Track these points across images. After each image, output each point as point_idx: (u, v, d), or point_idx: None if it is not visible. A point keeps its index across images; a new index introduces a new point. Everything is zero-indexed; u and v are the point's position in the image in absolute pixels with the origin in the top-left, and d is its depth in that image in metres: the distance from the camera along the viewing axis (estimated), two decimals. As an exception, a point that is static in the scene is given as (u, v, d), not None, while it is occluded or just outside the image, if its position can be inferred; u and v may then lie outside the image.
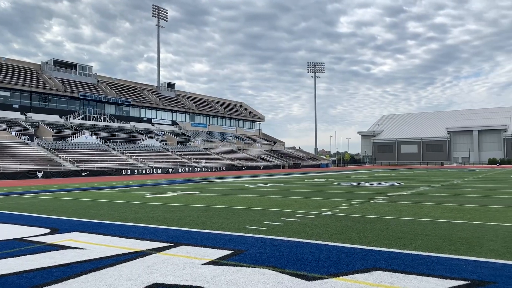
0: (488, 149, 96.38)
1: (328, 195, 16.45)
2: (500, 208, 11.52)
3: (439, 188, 19.48)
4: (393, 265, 5.49)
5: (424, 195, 15.75)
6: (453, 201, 13.42)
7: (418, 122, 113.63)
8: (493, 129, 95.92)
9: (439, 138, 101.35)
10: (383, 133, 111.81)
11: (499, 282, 4.68)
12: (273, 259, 5.88)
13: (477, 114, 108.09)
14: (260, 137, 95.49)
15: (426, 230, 8.06)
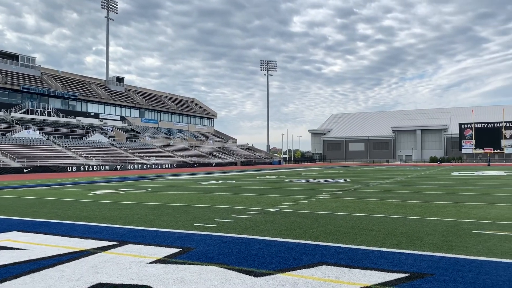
0: (430, 147, 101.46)
1: (278, 191, 16.65)
2: (440, 204, 12.16)
3: (384, 185, 20.26)
4: (339, 260, 5.64)
5: (370, 192, 16.32)
6: (397, 197, 14.01)
7: (365, 121, 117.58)
8: (434, 129, 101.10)
9: (384, 137, 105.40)
10: (333, 132, 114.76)
11: (436, 274, 4.93)
12: (222, 256, 5.87)
13: (420, 114, 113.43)
14: (213, 134, 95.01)
15: (370, 225, 8.36)
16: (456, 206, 11.40)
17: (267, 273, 5.03)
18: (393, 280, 4.69)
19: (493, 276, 4.83)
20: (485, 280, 4.68)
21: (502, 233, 7.37)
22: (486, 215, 9.70)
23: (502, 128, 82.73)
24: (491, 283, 4.56)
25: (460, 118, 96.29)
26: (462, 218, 9.18)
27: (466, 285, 4.51)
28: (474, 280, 4.68)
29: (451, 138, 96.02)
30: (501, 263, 5.40)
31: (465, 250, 6.12)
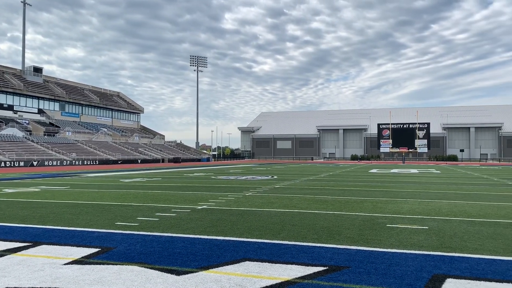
0: (351, 146, 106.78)
1: (206, 189, 16.57)
2: (358, 199, 12.83)
3: (308, 182, 20.96)
4: (262, 255, 5.73)
5: (295, 188, 16.81)
6: (319, 193, 14.56)
7: (293, 120, 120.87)
8: (356, 129, 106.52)
9: (310, 135, 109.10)
10: (262, 129, 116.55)
11: (352, 267, 5.19)
12: (144, 255, 5.71)
13: (343, 114, 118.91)
14: (139, 130, 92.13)
15: (293, 220, 8.60)
16: (373, 202, 12.10)
17: (190, 271, 4.98)
18: (312, 274, 4.87)
19: (403, 267, 5.19)
20: (395, 270, 5.01)
21: (412, 227, 7.95)
22: (399, 210, 10.41)
23: (416, 129, 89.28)
24: (400, 273, 4.89)
25: (379, 119, 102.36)
26: (377, 213, 9.76)
27: (378, 276, 4.79)
28: (385, 271, 4.99)
29: (371, 138, 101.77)
30: (410, 254, 5.82)
31: (379, 243, 6.52)
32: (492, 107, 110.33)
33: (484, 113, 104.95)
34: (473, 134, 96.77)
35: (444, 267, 5.18)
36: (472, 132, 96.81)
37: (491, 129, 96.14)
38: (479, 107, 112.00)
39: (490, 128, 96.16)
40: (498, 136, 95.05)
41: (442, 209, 10.57)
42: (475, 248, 6.18)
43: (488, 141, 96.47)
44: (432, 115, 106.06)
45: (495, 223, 8.44)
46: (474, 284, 4.52)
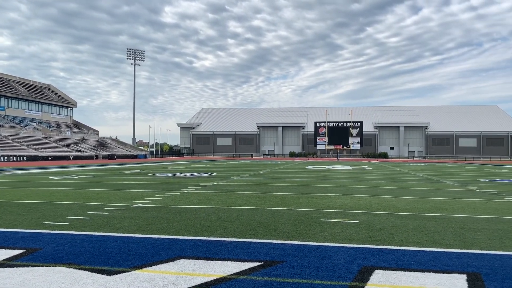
0: (290, 143, 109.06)
1: (142, 186, 16.14)
2: (294, 195, 13.13)
3: (247, 178, 21.11)
4: (197, 253, 5.69)
5: (233, 185, 16.85)
6: (257, 190, 14.71)
7: (233, 117, 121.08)
8: (294, 126, 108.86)
9: (250, 132, 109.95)
10: (202, 126, 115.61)
11: (286, 261, 5.29)
12: (73, 256, 5.45)
13: (282, 112, 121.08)
14: (71, 125, 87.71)
15: (231, 217, 8.62)
16: (308, 197, 12.44)
17: (122, 270, 4.83)
18: (247, 269, 4.90)
19: (334, 259, 5.38)
20: (327, 264, 5.18)
21: (344, 221, 8.27)
22: (332, 204, 10.78)
23: (350, 127, 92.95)
24: (332, 266, 5.06)
25: (316, 117, 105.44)
26: (312, 208, 10.05)
27: (311, 269, 4.93)
28: (318, 264, 5.14)
29: (308, 135, 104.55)
30: (341, 247, 6.05)
31: (313, 237, 6.71)
32: (419, 108, 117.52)
33: (413, 113, 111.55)
34: (402, 132, 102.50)
35: (373, 259, 5.44)
36: (401, 131, 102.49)
37: (418, 128, 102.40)
38: (408, 107, 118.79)
39: (417, 127, 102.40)
40: (425, 135, 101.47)
41: (372, 203, 11.10)
42: (401, 240, 6.55)
43: (415, 140, 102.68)
44: (365, 114, 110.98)
45: (420, 216, 9.00)
46: (400, 274, 4.79)
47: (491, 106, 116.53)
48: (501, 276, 4.74)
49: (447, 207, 10.49)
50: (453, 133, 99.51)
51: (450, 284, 4.46)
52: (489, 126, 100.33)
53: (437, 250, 5.91)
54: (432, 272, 4.88)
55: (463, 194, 14.08)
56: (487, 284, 4.44)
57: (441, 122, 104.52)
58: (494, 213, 9.51)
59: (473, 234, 7.03)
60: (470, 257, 5.54)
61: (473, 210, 10.07)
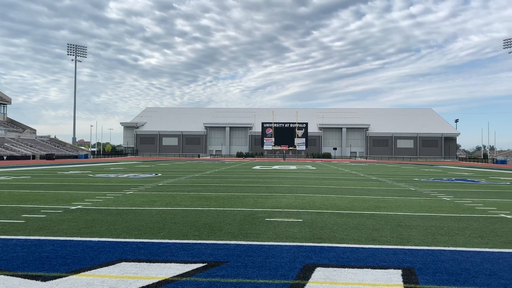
0: (237, 143, 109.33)
1: (82, 187, 15.50)
2: (241, 195, 13.17)
3: (193, 179, 20.90)
4: (140, 255, 5.55)
5: (179, 185, 16.62)
6: (203, 190, 14.61)
7: (180, 117, 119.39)
8: (241, 127, 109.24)
9: (197, 132, 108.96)
10: (146, 125, 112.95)
11: (231, 261, 5.30)
12: (4, 262, 5.13)
13: (230, 112, 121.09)
14: (5, 123, 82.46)
15: (175, 218, 8.50)
16: (254, 197, 12.53)
17: (59, 275, 4.61)
18: (191, 271, 4.86)
19: (278, 258, 5.46)
20: (271, 262, 5.25)
21: (289, 220, 8.41)
22: (277, 204, 10.93)
23: (295, 128, 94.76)
24: (275, 265, 5.14)
25: (263, 118, 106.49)
26: (258, 208, 10.13)
27: (255, 269, 4.97)
28: (262, 263, 5.19)
29: (255, 136, 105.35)
30: (285, 246, 6.15)
31: (258, 236, 6.76)
32: (361, 110, 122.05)
33: (355, 115, 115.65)
34: (345, 134, 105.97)
35: (315, 257, 5.58)
36: (344, 132, 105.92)
37: (360, 130, 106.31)
38: (350, 110, 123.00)
39: (359, 128, 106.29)
40: (366, 136, 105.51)
41: (316, 202, 11.38)
42: (342, 238, 6.77)
43: (357, 141, 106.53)
44: (310, 115, 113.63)
45: (360, 214, 9.34)
46: (339, 271, 4.95)
47: (427, 109, 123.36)
48: (432, 270, 5.02)
49: (385, 205, 10.97)
50: (392, 134, 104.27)
51: (386, 279, 4.67)
52: (425, 128, 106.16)
53: (375, 247, 6.17)
54: (370, 268, 5.09)
55: (400, 192, 14.79)
56: (420, 278, 4.70)
57: (381, 124, 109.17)
58: (428, 211, 10.07)
59: (409, 231, 7.41)
60: (405, 253, 5.83)
61: (409, 208, 10.61)
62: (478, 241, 6.61)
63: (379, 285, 4.46)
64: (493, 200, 12.52)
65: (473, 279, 4.69)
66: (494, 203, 11.73)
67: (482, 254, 5.84)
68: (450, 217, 9.06)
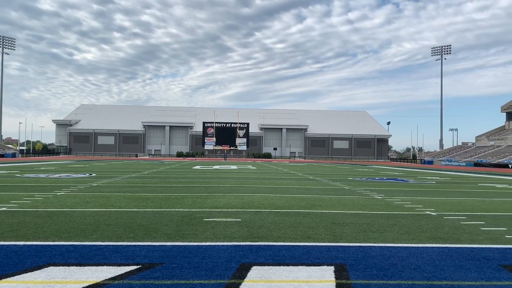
0: (177, 143, 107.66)
1: (7, 188, 14.51)
2: (179, 195, 12.98)
3: (129, 179, 20.29)
4: (69, 259, 5.29)
5: (114, 186, 16.06)
6: (140, 191, 14.23)
7: (117, 115, 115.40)
8: (182, 126, 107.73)
9: (135, 131, 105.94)
10: (81, 123, 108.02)
11: (166, 263, 5.20)
12: None
13: (170, 111, 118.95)
14: None
15: (109, 220, 8.20)
16: (193, 197, 12.40)
17: (-24, 284, 4.28)
18: (124, 274, 4.71)
19: (215, 258, 5.44)
20: (207, 263, 5.22)
21: (227, 220, 8.41)
22: (216, 204, 10.90)
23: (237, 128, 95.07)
24: (212, 265, 5.11)
25: (204, 117, 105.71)
26: (196, 208, 10.04)
27: (191, 269, 4.92)
28: (198, 264, 5.15)
29: (196, 135, 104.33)
30: (222, 246, 6.14)
31: (195, 237, 6.70)
32: (300, 111, 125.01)
33: (295, 116, 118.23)
34: (285, 134, 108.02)
35: (251, 256, 5.62)
36: (284, 133, 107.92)
37: (299, 131, 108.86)
38: (290, 111, 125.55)
39: (298, 129, 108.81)
40: (304, 137, 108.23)
41: (255, 202, 11.48)
42: (279, 236, 6.88)
43: (296, 141, 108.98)
44: (251, 116, 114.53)
45: (297, 213, 9.56)
46: (275, 269, 5.02)
47: (361, 111, 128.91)
48: (363, 266, 5.25)
49: (321, 204, 11.31)
50: (329, 135, 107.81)
51: (319, 275, 4.81)
52: (359, 130, 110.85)
53: (310, 245, 6.33)
54: (304, 265, 5.21)
55: (335, 191, 15.31)
56: (351, 274, 4.89)
57: (319, 125, 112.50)
58: (361, 209, 10.52)
59: (342, 229, 7.69)
60: (338, 250, 6.05)
61: (343, 206, 11.01)
62: (405, 237, 7.00)
63: (312, 281, 4.59)
64: (420, 199, 13.33)
65: (400, 273, 4.96)
66: (421, 201, 12.49)
67: (408, 249, 6.19)
68: (380, 215, 9.52)
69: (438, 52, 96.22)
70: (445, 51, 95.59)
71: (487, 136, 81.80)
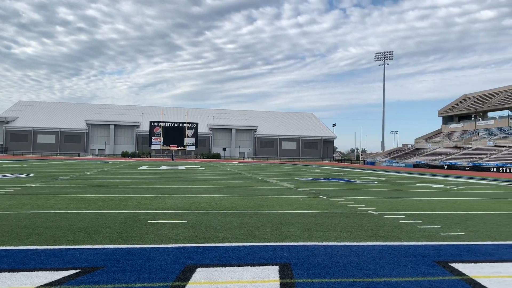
0: (123, 142, 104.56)
1: None
2: (123, 196, 12.61)
3: (71, 180, 19.44)
4: (2, 264, 4.99)
5: (54, 187, 15.32)
6: (82, 192, 13.67)
7: (58, 112, 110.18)
8: (128, 125, 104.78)
9: (78, 130, 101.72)
10: (19, 120, 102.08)
11: (107, 266, 5.02)
12: None
13: (116, 109, 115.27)
14: None
15: (47, 222, 7.80)
16: (138, 199, 12.09)
17: None
18: (61, 279, 4.50)
19: (159, 261, 5.32)
20: (151, 266, 5.10)
21: (173, 221, 8.28)
22: (162, 205, 10.69)
23: (185, 128, 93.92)
24: (155, 268, 5.00)
25: (151, 117, 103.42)
26: (141, 210, 9.79)
27: (134, 273, 4.78)
28: (141, 267, 5.02)
29: (142, 135, 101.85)
30: (167, 248, 6.03)
31: (139, 239, 6.53)
32: (250, 112, 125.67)
33: (244, 117, 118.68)
34: (234, 135, 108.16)
35: (197, 257, 5.56)
36: (233, 133, 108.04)
37: (248, 131, 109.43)
38: (240, 112, 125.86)
39: (247, 130, 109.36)
40: (254, 138, 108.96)
41: (202, 203, 11.39)
42: (225, 237, 6.87)
43: (245, 141, 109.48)
44: (200, 116, 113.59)
45: (244, 213, 9.58)
46: (220, 270, 5.00)
47: (309, 113, 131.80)
48: (307, 264, 5.35)
49: (268, 204, 11.43)
50: (277, 136, 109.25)
51: (264, 275, 4.85)
52: (307, 131, 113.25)
53: (256, 245, 6.37)
54: (250, 265, 5.23)
55: (282, 191, 15.53)
56: (295, 273, 4.96)
57: (268, 126, 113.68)
58: (306, 208, 10.73)
59: (287, 228, 7.80)
60: (283, 249, 6.13)
61: (289, 206, 11.19)
62: (347, 236, 7.23)
63: (257, 281, 4.61)
64: (362, 198, 13.82)
65: (342, 271, 5.10)
66: (363, 201, 12.95)
67: (350, 247, 6.39)
68: (325, 214, 9.77)
69: (381, 58, 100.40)
70: (387, 56, 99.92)
71: (425, 139, 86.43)
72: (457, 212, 10.75)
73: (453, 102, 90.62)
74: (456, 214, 10.36)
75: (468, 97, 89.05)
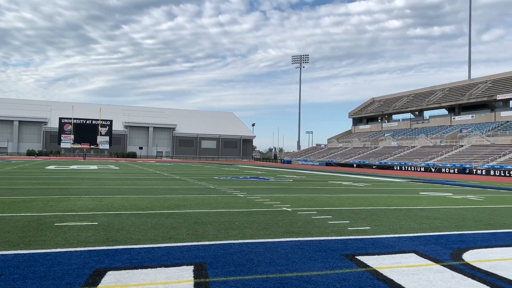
0: (28, 140, 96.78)
1: None
2: (27, 198, 11.69)
3: (-35, 181, 17.59)
4: None
5: None
6: (-22, 194, 12.44)
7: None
8: (34, 121, 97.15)
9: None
10: None
11: (6, 274, 4.62)
12: None
13: (20, 104, 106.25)
14: None
15: None
16: (44, 200, 11.28)
17: None
18: (-51, 291, 4.04)
19: (65, 265, 5.01)
20: (56, 271, 4.78)
21: (82, 223, 7.84)
22: (71, 207, 10.08)
23: (98, 125, 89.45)
24: (61, 273, 4.70)
25: (61, 113, 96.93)
26: (47, 212, 9.15)
27: (36, 280, 4.45)
28: (45, 273, 4.68)
29: (51, 132, 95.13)
30: (75, 252, 5.69)
31: (43, 244, 6.09)
32: (169, 110, 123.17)
33: (163, 114, 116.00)
34: (152, 133, 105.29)
35: (107, 260, 5.32)
36: (150, 131, 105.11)
37: (167, 130, 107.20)
38: (158, 109, 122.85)
39: (166, 128, 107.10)
40: (172, 136, 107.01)
41: (114, 204, 10.93)
42: (138, 239, 6.66)
43: (164, 140, 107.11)
44: (115, 112, 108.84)
45: (160, 214, 9.37)
46: (132, 273, 4.83)
47: (229, 113, 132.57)
48: (222, 263, 5.37)
49: (185, 204, 11.29)
50: (197, 135, 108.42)
51: (178, 276, 4.78)
52: (227, 130, 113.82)
53: (171, 245, 6.26)
54: (164, 267, 5.12)
55: (200, 191, 15.44)
56: (210, 272, 4.96)
57: (187, 125, 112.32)
58: (224, 207, 10.78)
59: (204, 227, 7.77)
60: (199, 249, 6.09)
61: (207, 205, 11.15)
62: (263, 233, 7.38)
63: (170, 283, 4.53)
64: (278, 196, 14.21)
65: (256, 268, 5.20)
66: (279, 198, 13.32)
67: (265, 244, 6.53)
68: (242, 212, 9.89)
69: (298, 61, 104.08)
70: (303, 60, 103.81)
71: (337, 139, 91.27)
72: (364, 208, 11.49)
73: (362, 104, 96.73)
74: (363, 210, 11.07)
75: (375, 100, 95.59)
